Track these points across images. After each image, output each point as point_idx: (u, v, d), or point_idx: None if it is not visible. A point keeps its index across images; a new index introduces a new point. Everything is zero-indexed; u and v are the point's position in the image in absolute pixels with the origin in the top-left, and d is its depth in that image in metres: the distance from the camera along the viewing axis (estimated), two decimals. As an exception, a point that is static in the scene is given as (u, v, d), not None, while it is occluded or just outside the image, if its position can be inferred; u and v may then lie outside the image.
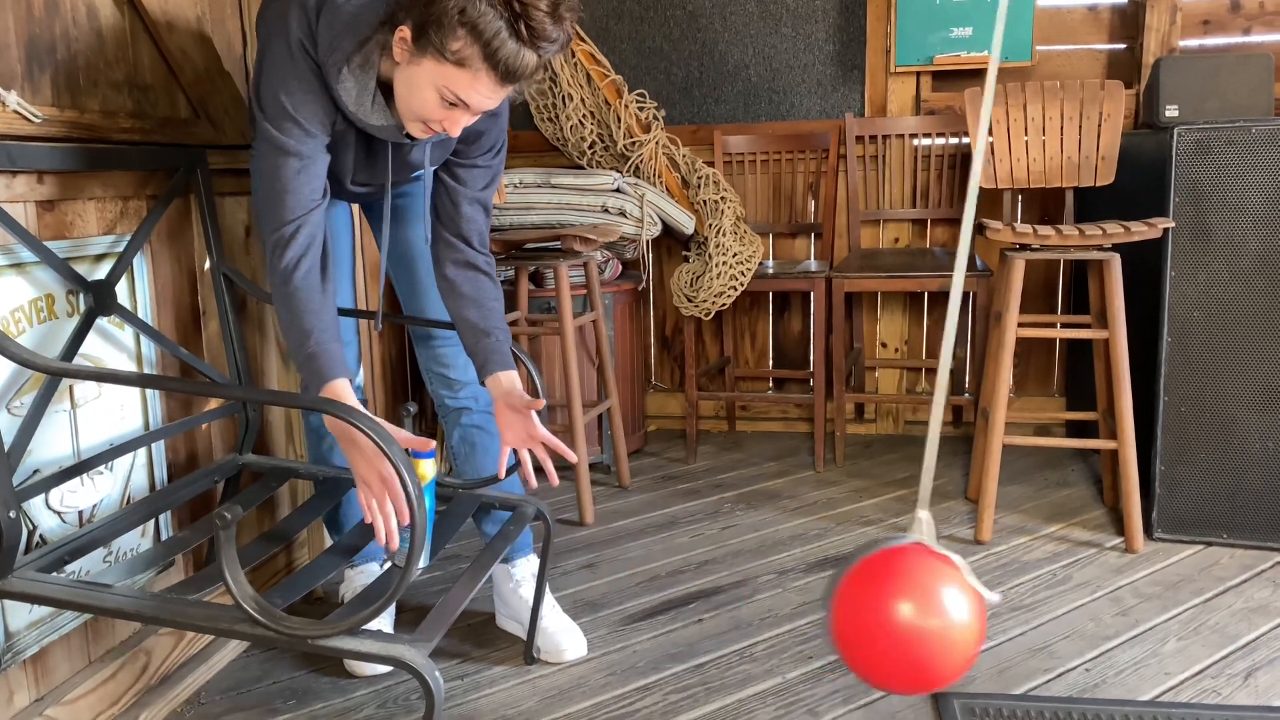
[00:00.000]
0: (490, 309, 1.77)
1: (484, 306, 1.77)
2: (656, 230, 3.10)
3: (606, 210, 2.95)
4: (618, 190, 3.00)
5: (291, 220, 1.52)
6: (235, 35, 2.08)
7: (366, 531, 1.74)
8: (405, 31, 1.44)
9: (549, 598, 2.04)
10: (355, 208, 2.19)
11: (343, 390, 1.50)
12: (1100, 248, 2.41)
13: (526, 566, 2.07)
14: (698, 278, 3.12)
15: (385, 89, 1.56)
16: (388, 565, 2.07)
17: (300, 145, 1.53)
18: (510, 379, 1.73)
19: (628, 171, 3.22)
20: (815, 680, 1.88)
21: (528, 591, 2.03)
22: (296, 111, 1.52)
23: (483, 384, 1.77)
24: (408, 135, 1.61)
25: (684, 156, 3.25)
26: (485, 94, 1.46)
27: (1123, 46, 3.29)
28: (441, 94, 1.46)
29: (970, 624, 1.20)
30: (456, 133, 1.52)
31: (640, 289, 3.35)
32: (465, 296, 1.77)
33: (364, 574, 2.05)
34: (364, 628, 1.30)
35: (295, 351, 1.52)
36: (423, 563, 1.42)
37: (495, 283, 1.81)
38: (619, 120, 3.20)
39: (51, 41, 1.59)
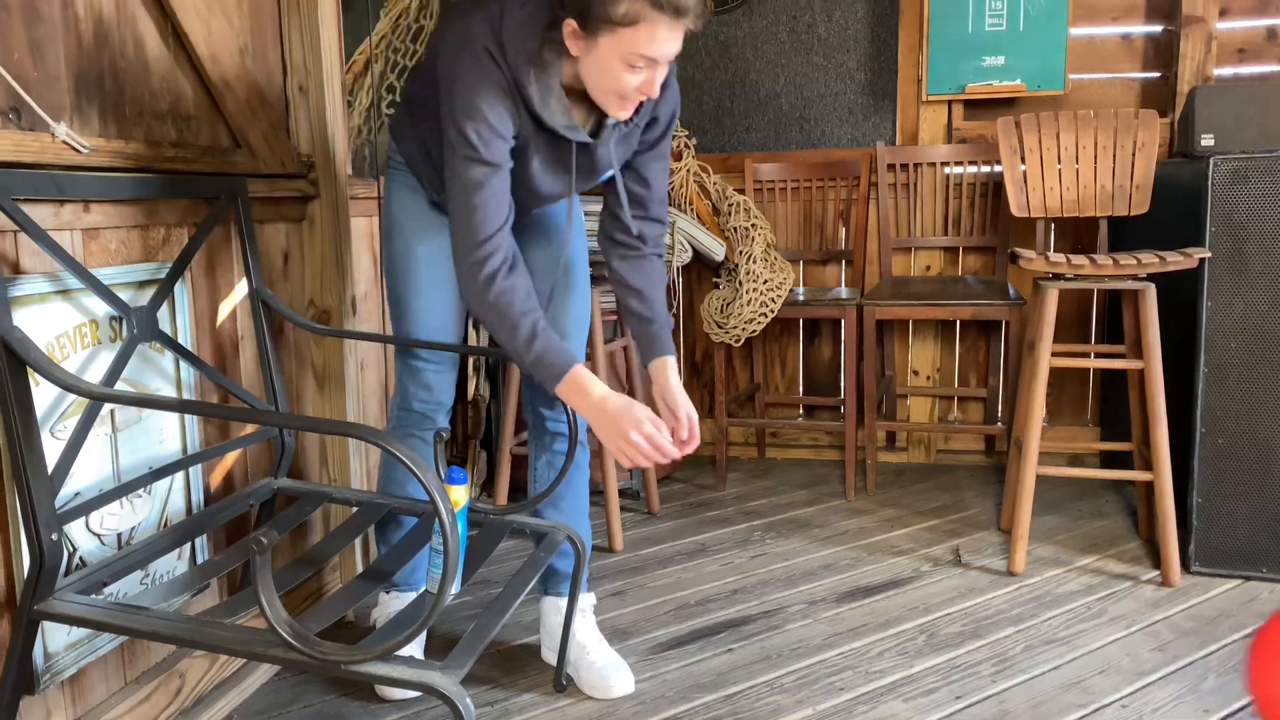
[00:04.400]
0: (654, 299, 1.87)
1: (648, 298, 1.86)
2: (687, 257, 3.11)
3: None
4: (649, 218, 3.01)
5: (487, 239, 1.59)
6: (276, 66, 2.12)
7: (405, 555, 1.75)
8: (571, 24, 1.51)
9: (597, 633, 2.03)
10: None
11: (582, 376, 1.61)
12: (1135, 277, 2.40)
13: (580, 601, 2.05)
14: (728, 304, 3.12)
15: (566, 91, 1.63)
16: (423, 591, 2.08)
17: (490, 152, 1.58)
18: (667, 365, 1.84)
19: (659, 199, 3.23)
20: (846, 712, 1.87)
21: (577, 626, 1.99)
22: (491, 116, 1.57)
23: (645, 366, 1.86)
24: (592, 133, 1.69)
25: (715, 184, 3.27)
26: (666, 39, 1.50)
27: (1157, 75, 3.27)
28: (628, 61, 1.51)
29: None
30: (655, 91, 1.56)
31: (671, 315, 3.36)
32: (632, 288, 1.86)
33: (399, 600, 2.06)
34: (396, 653, 1.31)
35: (522, 355, 1.61)
36: (453, 589, 1.42)
37: (663, 269, 1.89)
38: (651, 148, 3.22)
39: (100, 73, 1.63)
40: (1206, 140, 2.77)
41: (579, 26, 1.51)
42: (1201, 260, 2.33)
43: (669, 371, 1.82)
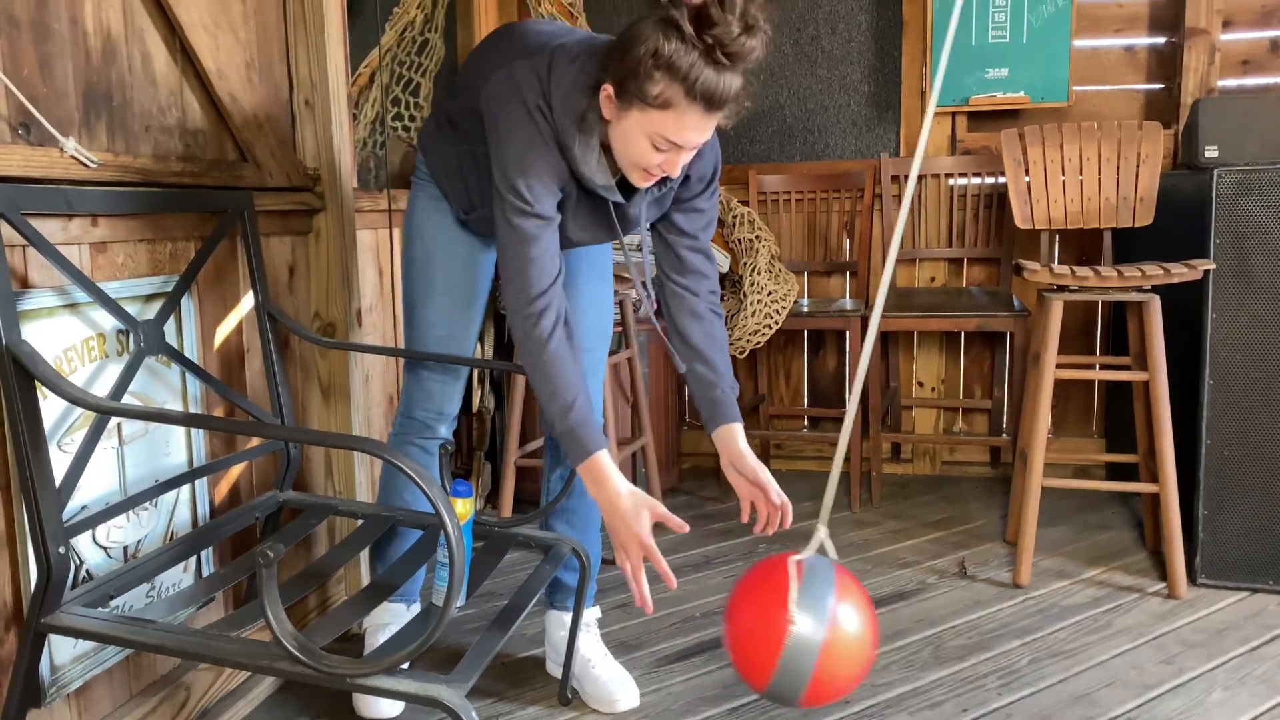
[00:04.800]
0: (717, 363, 1.79)
1: (710, 361, 1.79)
2: (692, 269, 3.11)
3: (641, 249, 2.97)
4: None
5: (542, 293, 1.57)
6: (283, 81, 2.13)
7: (406, 570, 1.75)
8: (609, 89, 1.50)
9: (601, 647, 2.02)
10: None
11: (603, 461, 1.57)
12: (1140, 289, 2.40)
13: (585, 615, 2.04)
14: (732, 316, 3.13)
15: (605, 149, 1.60)
16: (415, 608, 2.08)
17: (542, 206, 1.57)
18: (734, 432, 1.74)
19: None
20: (852, 725, 1.87)
21: (582, 641, 2.00)
22: (538, 174, 1.56)
23: (710, 434, 1.78)
24: (623, 192, 1.65)
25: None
26: (695, 129, 1.48)
27: (1160, 87, 3.28)
28: (654, 141, 1.49)
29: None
30: (677, 173, 1.55)
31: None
32: (694, 348, 1.79)
33: (388, 612, 2.05)
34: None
35: (555, 422, 1.58)
36: (459, 602, 1.43)
37: (723, 332, 1.83)
38: (655, 160, 3.23)
39: (108, 88, 1.64)
40: (1210, 152, 2.78)
41: (615, 94, 1.50)
42: (1206, 272, 2.33)
43: (739, 440, 1.74)
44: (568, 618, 2.03)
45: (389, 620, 2.05)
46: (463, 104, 1.72)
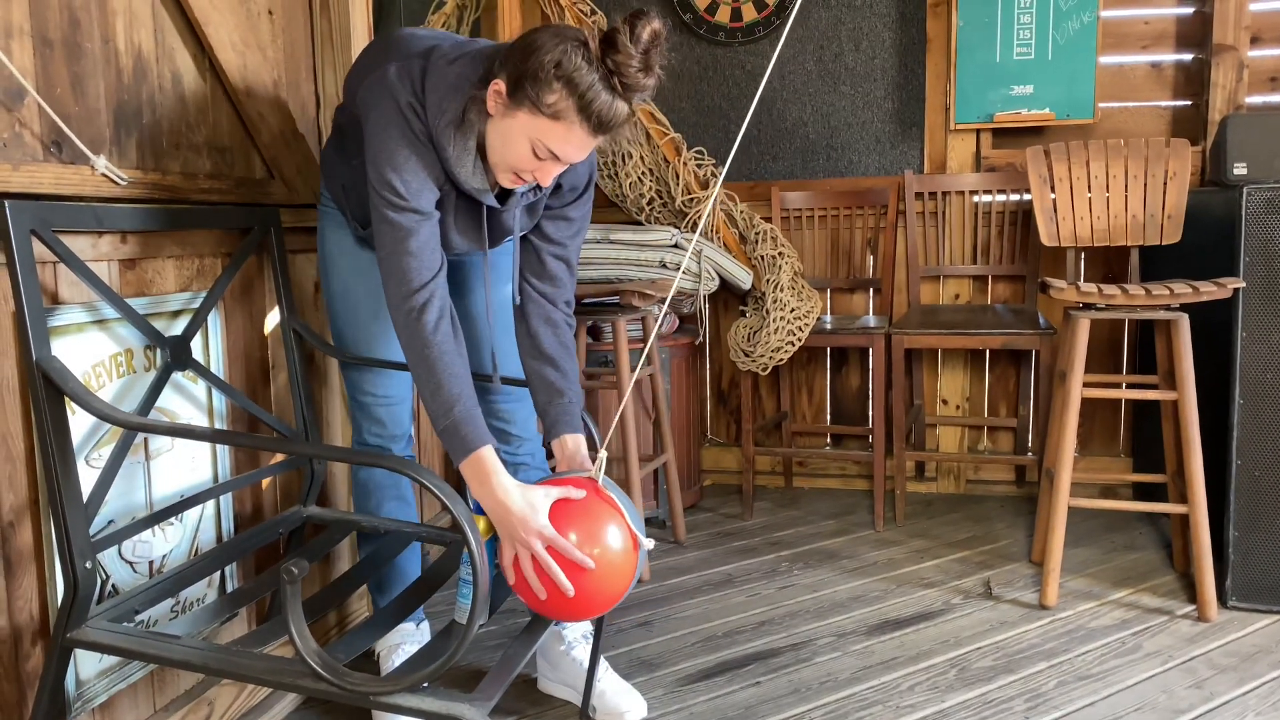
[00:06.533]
0: (567, 370, 1.78)
1: (561, 367, 1.77)
2: (714, 285, 3.11)
3: (664, 265, 2.97)
4: (675, 246, 3.02)
5: (423, 286, 1.55)
6: (309, 98, 2.15)
7: (414, 597, 1.74)
8: (500, 85, 1.49)
9: (601, 659, 2.01)
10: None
11: (487, 458, 1.51)
12: (1168, 308, 2.37)
13: (578, 628, 2.05)
14: (755, 332, 3.12)
15: (481, 150, 1.59)
16: (423, 624, 2.08)
17: (419, 201, 1.55)
18: (577, 443, 1.73)
19: (686, 227, 3.24)
20: (876, 748, 1.84)
21: (581, 653, 2.00)
22: (413, 170, 1.55)
23: (548, 444, 1.77)
24: (498, 198, 1.65)
25: (742, 212, 3.27)
26: (577, 145, 1.49)
27: (1188, 103, 3.25)
28: (534, 147, 1.50)
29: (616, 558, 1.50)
30: (547, 182, 1.56)
31: (697, 343, 3.36)
32: (545, 355, 1.77)
33: (398, 632, 2.05)
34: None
35: (438, 418, 1.53)
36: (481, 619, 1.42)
37: (574, 341, 1.82)
38: (677, 177, 3.24)
39: (138, 107, 1.66)
40: (1239, 169, 2.75)
41: (507, 91, 1.48)
42: (1235, 290, 2.30)
43: (581, 450, 1.71)
44: (565, 632, 2.04)
45: (400, 640, 2.05)
46: (348, 112, 1.71)
